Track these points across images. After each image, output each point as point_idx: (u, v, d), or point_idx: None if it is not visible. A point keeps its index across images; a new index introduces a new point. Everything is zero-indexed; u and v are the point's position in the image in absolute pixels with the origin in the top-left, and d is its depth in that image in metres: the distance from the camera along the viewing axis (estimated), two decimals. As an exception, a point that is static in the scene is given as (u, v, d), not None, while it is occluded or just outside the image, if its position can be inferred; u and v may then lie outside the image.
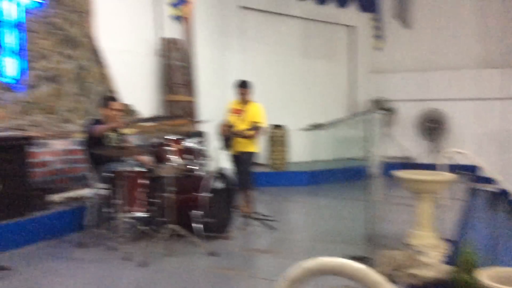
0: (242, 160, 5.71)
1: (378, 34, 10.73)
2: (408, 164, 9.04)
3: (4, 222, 4.37)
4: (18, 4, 5.49)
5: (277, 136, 8.66)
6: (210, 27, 8.67)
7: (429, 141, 10.00)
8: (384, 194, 4.08)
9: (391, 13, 10.67)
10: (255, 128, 5.58)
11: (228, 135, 5.74)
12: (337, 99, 10.47)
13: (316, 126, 4.99)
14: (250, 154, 5.78)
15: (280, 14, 9.64)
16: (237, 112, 5.90)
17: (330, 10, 10.11)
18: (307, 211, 6.48)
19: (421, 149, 10.07)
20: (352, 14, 10.43)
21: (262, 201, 6.41)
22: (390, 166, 5.53)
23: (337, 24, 10.34)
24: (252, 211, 5.64)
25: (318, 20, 10.04)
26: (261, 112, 5.81)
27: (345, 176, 8.63)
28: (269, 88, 9.47)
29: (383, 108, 9.91)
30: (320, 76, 10.24)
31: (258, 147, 5.95)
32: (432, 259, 3.63)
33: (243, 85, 5.81)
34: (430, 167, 5.12)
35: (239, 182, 5.83)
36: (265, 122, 5.80)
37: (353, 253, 3.78)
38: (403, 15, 10.59)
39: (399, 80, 10.37)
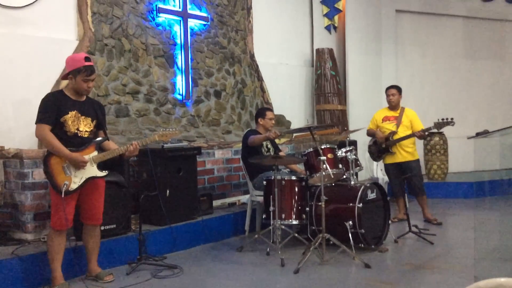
0: (410, 168, 5.71)
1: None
2: None
3: (175, 224, 4.86)
4: (185, 27, 6.11)
5: (436, 144, 8.16)
6: (363, 34, 8.58)
7: None
8: None
9: None
10: (427, 130, 5.63)
11: (386, 144, 5.68)
12: (506, 103, 9.48)
13: (482, 134, 4.58)
14: (417, 161, 5.82)
15: (439, 14, 9.11)
16: (390, 119, 5.79)
17: (498, 7, 9.25)
18: (469, 225, 5.99)
19: None
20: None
21: (418, 213, 6.12)
22: None
23: (506, 21, 9.41)
24: (430, 217, 5.88)
25: (483, 18, 9.26)
26: (417, 117, 5.83)
27: (516, 188, 7.78)
28: (426, 93, 9.01)
29: None
30: (486, 79, 9.40)
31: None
32: None
33: (392, 88, 5.81)
34: None
35: (394, 191, 5.86)
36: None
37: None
38: None
39: None
